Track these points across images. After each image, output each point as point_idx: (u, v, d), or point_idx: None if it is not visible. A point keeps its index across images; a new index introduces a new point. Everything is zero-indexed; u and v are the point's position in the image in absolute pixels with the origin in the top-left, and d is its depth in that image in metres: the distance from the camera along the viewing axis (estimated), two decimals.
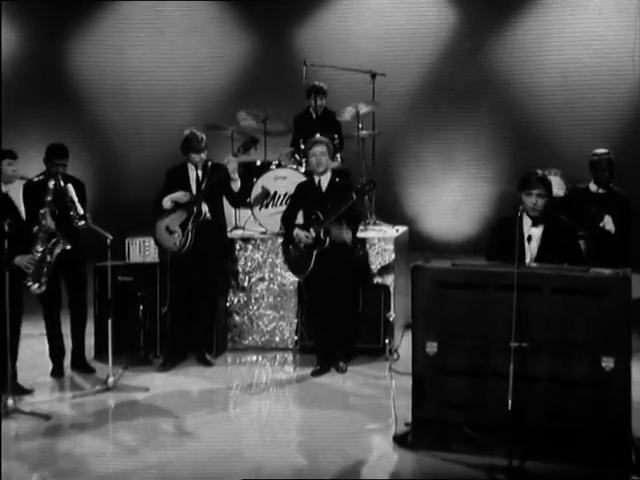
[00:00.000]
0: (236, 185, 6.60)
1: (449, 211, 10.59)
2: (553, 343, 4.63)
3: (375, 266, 7.24)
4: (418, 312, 4.91)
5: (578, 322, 4.60)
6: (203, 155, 6.59)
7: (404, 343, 7.03)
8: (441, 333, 4.83)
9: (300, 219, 6.55)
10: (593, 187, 6.74)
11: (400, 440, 5.01)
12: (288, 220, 6.57)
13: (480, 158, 10.57)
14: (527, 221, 5.22)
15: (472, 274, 4.85)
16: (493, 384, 4.70)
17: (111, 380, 6.16)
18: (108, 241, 6.07)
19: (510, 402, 4.50)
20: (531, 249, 5.17)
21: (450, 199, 10.56)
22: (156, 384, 6.29)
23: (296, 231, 6.40)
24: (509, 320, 4.53)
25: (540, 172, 5.26)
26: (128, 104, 10.79)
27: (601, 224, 6.48)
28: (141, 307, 6.74)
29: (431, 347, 4.84)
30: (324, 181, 6.50)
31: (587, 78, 10.13)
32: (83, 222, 6.16)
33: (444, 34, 10.49)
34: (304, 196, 6.54)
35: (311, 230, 6.36)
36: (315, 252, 6.33)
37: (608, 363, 4.52)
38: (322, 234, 6.30)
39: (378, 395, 5.98)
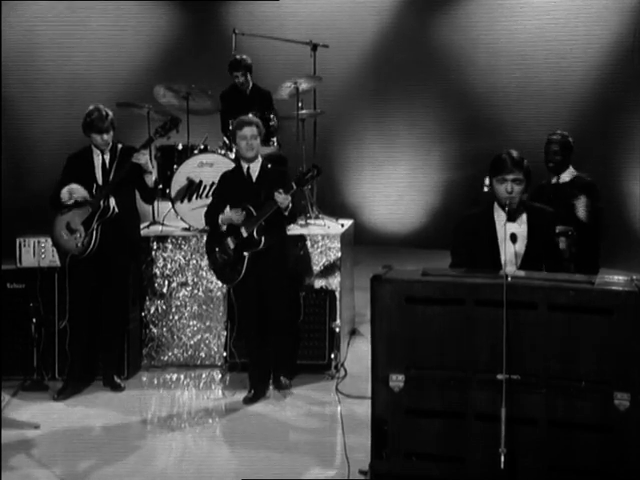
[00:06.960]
0: (150, 179, 5.96)
1: (394, 200, 10.50)
2: (552, 375, 3.99)
3: (319, 267, 6.68)
4: (379, 336, 4.15)
5: (584, 348, 3.95)
6: (106, 136, 5.87)
7: (350, 354, 6.48)
8: (409, 363, 4.13)
9: None
10: (555, 179, 6.24)
11: None
12: (213, 217, 5.86)
13: (427, 143, 10.54)
14: (501, 216, 4.53)
15: (449, 286, 4.10)
16: (476, 428, 3.98)
17: None
18: None
19: (503, 455, 3.78)
20: (515, 250, 4.46)
21: (395, 187, 10.50)
22: (50, 417, 5.50)
23: (221, 217, 5.71)
24: (496, 346, 3.91)
25: (516, 153, 4.57)
26: (36, 85, 10.30)
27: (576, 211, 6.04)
28: (34, 320, 6.06)
29: (396, 381, 4.10)
30: (254, 169, 5.83)
31: (543, 58, 10.09)
32: None
33: (390, 7, 10.39)
34: (231, 188, 5.86)
35: (242, 229, 5.68)
36: (247, 255, 5.68)
37: (622, 401, 3.90)
38: (256, 233, 5.63)
39: (324, 428, 5.34)
